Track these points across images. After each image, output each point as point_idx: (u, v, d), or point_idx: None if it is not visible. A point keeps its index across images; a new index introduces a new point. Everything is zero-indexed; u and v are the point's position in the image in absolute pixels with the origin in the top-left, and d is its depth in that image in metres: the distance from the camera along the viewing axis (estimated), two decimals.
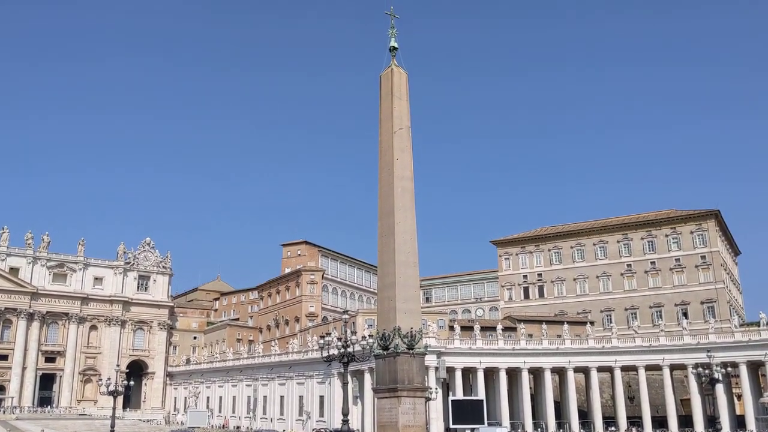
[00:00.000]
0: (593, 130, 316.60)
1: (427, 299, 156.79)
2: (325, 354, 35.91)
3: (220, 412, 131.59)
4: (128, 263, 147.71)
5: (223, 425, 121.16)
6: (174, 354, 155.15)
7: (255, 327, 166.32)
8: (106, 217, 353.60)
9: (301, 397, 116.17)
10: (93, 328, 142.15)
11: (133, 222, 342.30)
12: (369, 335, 47.81)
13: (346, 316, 39.53)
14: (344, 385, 36.60)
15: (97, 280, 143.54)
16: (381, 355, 54.86)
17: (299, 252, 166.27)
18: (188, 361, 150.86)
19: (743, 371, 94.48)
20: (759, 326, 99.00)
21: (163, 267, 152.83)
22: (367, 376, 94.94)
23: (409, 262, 57.38)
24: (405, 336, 54.12)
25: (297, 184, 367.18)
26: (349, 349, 34.46)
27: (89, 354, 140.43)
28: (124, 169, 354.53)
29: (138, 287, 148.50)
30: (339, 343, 35.17)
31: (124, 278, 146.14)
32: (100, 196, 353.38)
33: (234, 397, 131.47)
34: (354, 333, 35.70)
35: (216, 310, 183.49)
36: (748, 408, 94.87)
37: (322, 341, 37.26)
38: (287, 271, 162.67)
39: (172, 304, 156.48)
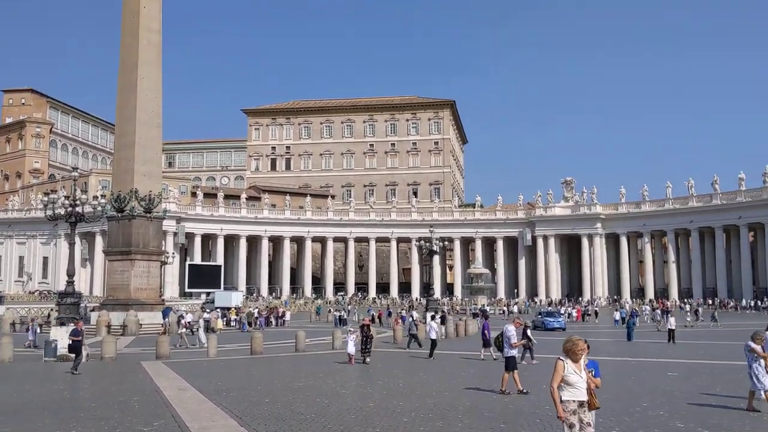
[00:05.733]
0: (343, 18, 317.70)
1: (170, 164, 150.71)
2: (49, 213, 32.99)
3: None
4: None
5: None
6: None
7: None
8: None
9: (21, 258, 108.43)
10: None
11: None
12: (102, 195, 45.04)
13: (76, 174, 36.39)
14: (71, 246, 34.24)
15: None
16: (115, 217, 52.29)
17: (24, 101, 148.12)
18: None
19: (457, 246, 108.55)
20: (474, 207, 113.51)
21: None
22: (99, 239, 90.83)
23: (152, 122, 54.22)
24: (143, 199, 52.02)
25: (26, 19, 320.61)
26: (78, 209, 32.03)
27: None
28: None
29: None
30: (66, 202, 32.48)
31: None
32: None
33: None
34: (85, 193, 33.16)
35: None
36: (457, 277, 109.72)
37: (46, 198, 34.06)
38: (8, 120, 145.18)
39: None
